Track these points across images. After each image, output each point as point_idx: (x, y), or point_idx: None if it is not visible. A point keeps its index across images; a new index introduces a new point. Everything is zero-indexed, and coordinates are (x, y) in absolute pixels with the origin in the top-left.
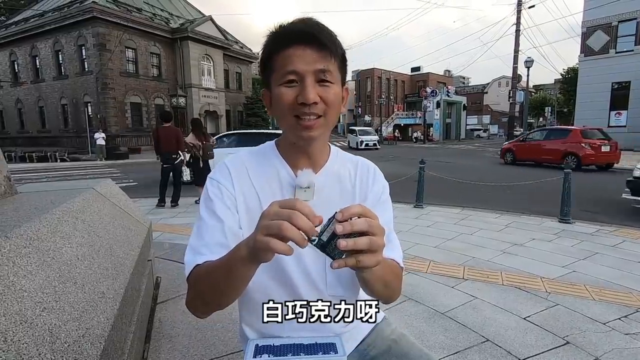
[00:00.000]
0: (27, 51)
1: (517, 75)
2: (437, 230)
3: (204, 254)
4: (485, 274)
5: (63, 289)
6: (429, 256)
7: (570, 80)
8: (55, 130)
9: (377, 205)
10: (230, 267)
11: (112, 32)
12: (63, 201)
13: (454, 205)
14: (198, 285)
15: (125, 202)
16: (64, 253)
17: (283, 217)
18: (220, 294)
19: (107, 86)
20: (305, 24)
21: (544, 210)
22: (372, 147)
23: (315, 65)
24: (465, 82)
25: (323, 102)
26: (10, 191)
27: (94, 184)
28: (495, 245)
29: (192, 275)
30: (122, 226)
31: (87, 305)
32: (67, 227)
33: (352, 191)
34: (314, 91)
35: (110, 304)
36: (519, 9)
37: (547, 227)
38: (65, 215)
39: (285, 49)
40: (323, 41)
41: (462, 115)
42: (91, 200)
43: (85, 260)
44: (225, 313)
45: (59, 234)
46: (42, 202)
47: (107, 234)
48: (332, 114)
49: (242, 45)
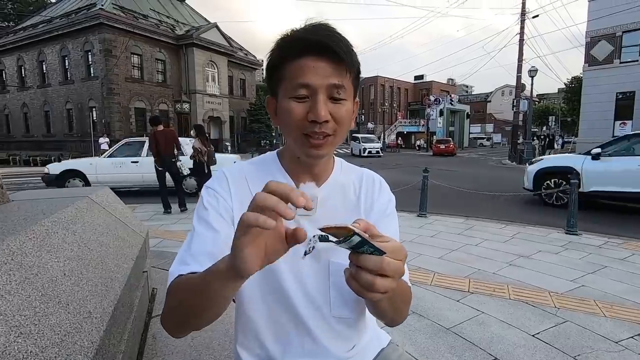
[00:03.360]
0: (34, 56)
1: (520, 85)
2: (441, 240)
3: (189, 264)
4: (492, 287)
5: (44, 310)
6: (433, 267)
7: (574, 90)
8: (60, 135)
9: (382, 219)
10: (207, 281)
11: (118, 38)
12: (54, 211)
13: (458, 214)
14: (172, 298)
15: (121, 211)
16: (50, 269)
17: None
18: (193, 312)
19: (112, 91)
20: (321, 32)
21: (550, 221)
22: (375, 155)
23: (329, 79)
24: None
25: (334, 120)
26: (2, 199)
27: (90, 191)
28: (501, 257)
29: (170, 286)
30: (117, 237)
31: (70, 327)
32: (55, 240)
33: (356, 203)
34: (325, 109)
35: (97, 324)
36: (522, 18)
37: (553, 238)
38: (55, 227)
39: (298, 59)
40: (339, 54)
41: (465, 124)
42: (85, 210)
43: (73, 275)
44: (222, 330)
45: (45, 247)
46: (32, 211)
47: (99, 246)
48: (342, 132)
49: (246, 52)
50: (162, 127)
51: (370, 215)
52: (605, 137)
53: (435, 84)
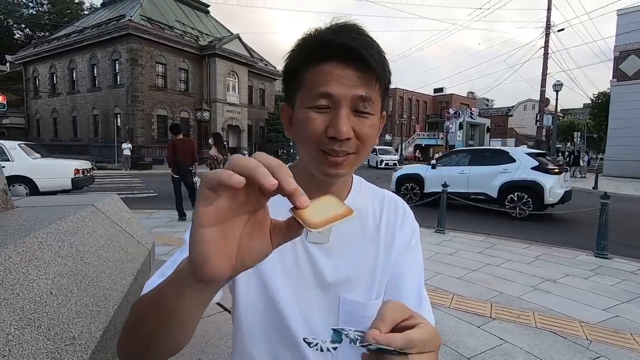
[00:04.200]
0: (65, 64)
1: (544, 99)
2: (460, 259)
3: (165, 275)
4: (516, 313)
5: (19, 337)
6: (452, 288)
7: (600, 105)
8: (85, 139)
9: (405, 252)
10: (162, 292)
11: (144, 48)
12: (54, 220)
13: (478, 232)
14: (130, 316)
15: (127, 220)
16: (35, 287)
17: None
18: (146, 334)
19: (136, 99)
20: (350, 34)
21: (577, 242)
22: (392, 167)
23: (356, 90)
24: (489, 104)
25: (356, 136)
26: (5, 206)
27: (98, 198)
28: (525, 280)
29: (136, 301)
30: (118, 249)
31: (47, 357)
32: (47, 254)
33: (376, 232)
34: (348, 124)
35: (80, 352)
36: (547, 32)
37: (581, 261)
38: (50, 238)
39: (321, 64)
40: (369, 61)
41: (485, 138)
42: (87, 219)
43: (61, 294)
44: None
45: (34, 262)
46: (31, 220)
47: (97, 259)
48: (365, 150)
49: (266, 63)
50: (182, 135)
51: (391, 249)
52: (634, 154)
53: (455, 97)
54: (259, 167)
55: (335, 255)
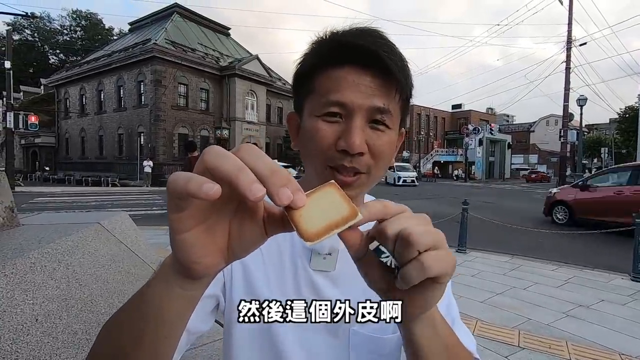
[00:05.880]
0: (94, 86)
1: (568, 114)
2: (484, 281)
3: None
4: (547, 343)
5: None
6: (475, 313)
7: (628, 120)
8: (110, 157)
9: None
10: (143, 293)
11: (167, 70)
12: (53, 239)
13: (502, 252)
14: (97, 338)
15: (134, 238)
16: (19, 314)
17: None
18: (119, 347)
19: (159, 118)
20: (370, 38)
21: (610, 264)
22: (410, 184)
23: (373, 100)
24: (509, 120)
25: (370, 152)
26: (10, 223)
27: (105, 216)
28: (555, 306)
29: (105, 322)
30: (120, 270)
31: None
32: (38, 276)
33: None
34: (362, 136)
35: None
36: (568, 46)
37: (617, 285)
38: (44, 259)
39: (335, 68)
40: (390, 67)
41: (506, 154)
42: (89, 238)
43: (48, 321)
44: None
45: (22, 285)
46: (31, 239)
47: (94, 281)
48: (378, 169)
49: (284, 82)
50: (197, 153)
51: None
52: None
53: (473, 113)
54: (241, 170)
55: (343, 284)
